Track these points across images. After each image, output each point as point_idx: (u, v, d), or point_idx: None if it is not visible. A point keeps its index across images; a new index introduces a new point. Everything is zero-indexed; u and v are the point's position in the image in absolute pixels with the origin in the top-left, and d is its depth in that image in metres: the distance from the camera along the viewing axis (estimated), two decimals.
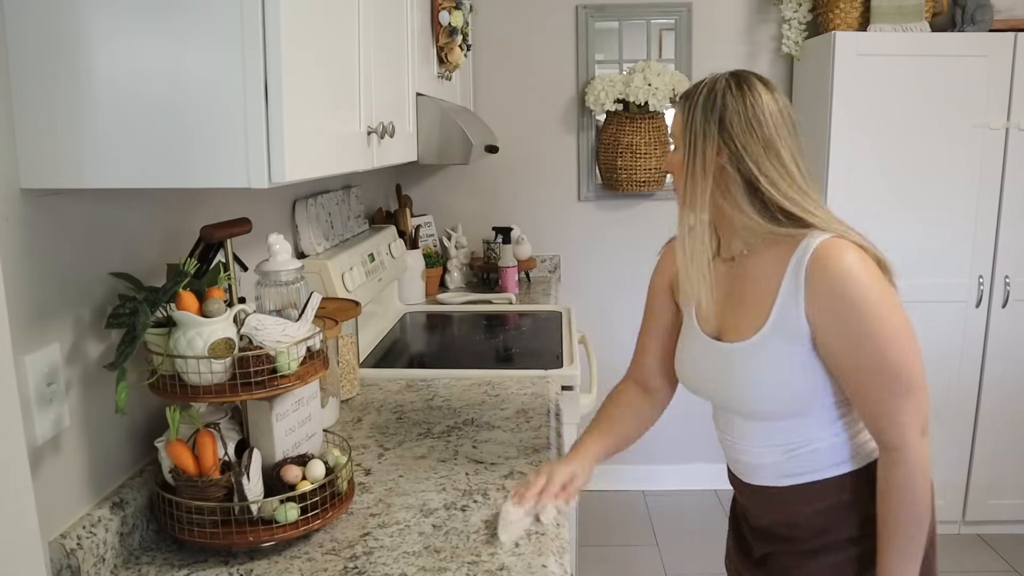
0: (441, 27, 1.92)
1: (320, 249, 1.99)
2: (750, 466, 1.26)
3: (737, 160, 1.13)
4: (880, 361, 1.08)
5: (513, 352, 2.13)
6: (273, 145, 0.88)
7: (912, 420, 1.09)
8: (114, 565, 1.06)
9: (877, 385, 1.09)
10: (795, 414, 1.17)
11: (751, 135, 1.13)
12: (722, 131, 1.14)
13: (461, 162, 1.81)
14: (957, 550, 2.85)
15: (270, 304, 1.26)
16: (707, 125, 1.15)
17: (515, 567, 1.03)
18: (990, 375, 2.79)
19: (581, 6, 2.97)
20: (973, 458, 2.86)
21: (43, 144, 0.90)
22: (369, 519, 1.17)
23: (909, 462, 1.10)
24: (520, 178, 3.11)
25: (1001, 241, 2.71)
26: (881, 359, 1.08)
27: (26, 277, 0.95)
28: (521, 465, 1.36)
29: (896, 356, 1.08)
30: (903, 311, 1.10)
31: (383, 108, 1.41)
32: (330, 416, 1.55)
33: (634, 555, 2.82)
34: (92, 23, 0.87)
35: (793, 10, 2.84)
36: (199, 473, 1.06)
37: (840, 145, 2.64)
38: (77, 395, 1.05)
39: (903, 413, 1.09)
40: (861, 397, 1.12)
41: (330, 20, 1.09)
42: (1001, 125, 2.63)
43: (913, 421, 1.09)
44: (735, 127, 1.13)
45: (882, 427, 1.11)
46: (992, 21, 2.65)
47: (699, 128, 1.16)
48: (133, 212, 1.18)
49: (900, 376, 1.08)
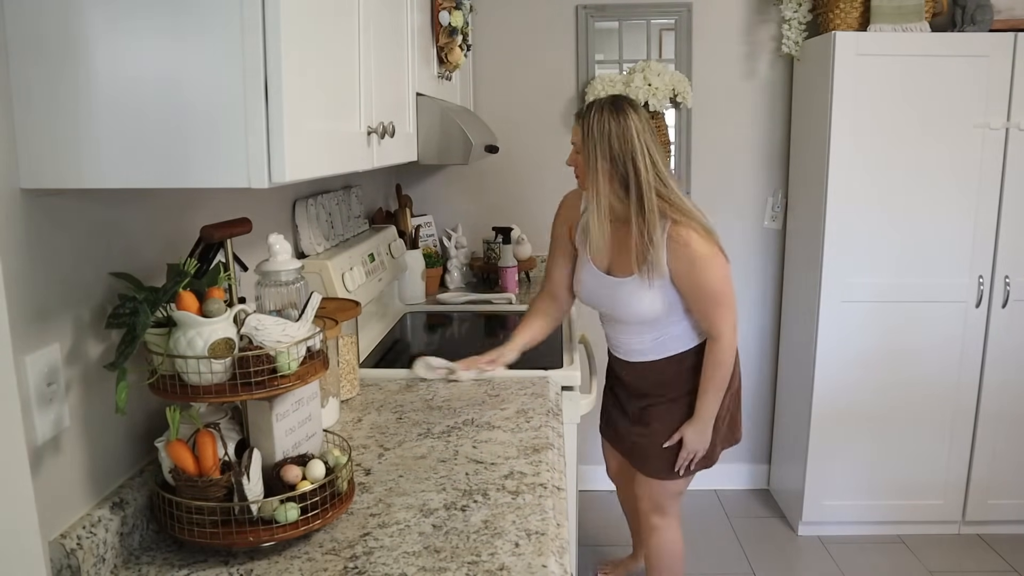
0: (441, 27, 1.92)
1: (320, 249, 1.99)
2: (630, 350, 2.03)
3: (616, 163, 1.80)
4: (708, 291, 1.85)
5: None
6: (273, 145, 0.88)
7: (725, 321, 1.87)
8: (114, 565, 1.06)
9: (705, 303, 1.87)
10: (657, 319, 1.92)
11: (624, 145, 1.79)
12: (604, 143, 1.80)
13: (461, 162, 1.81)
14: (957, 550, 2.85)
15: (270, 304, 1.26)
16: (599, 139, 1.80)
17: (515, 567, 1.03)
18: (990, 375, 2.79)
19: (581, 6, 2.97)
20: (973, 458, 2.86)
21: (43, 144, 0.90)
22: (369, 519, 1.17)
23: (723, 345, 1.89)
24: (520, 178, 3.11)
25: (1001, 241, 2.71)
26: (709, 290, 1.85)
27: (26, 277, 0.95)
28: (521, 465, 1.36)
29: (716, 288, 1.84)
30: (723, 261, 1.84)
31: (383, 108, 1.41)
32: (330, 416, 1.55)
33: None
34: (92, 23, 0.86)
35: (793, 10, 2.84)
36: (199, 473, 1.06)
37: (840, 145, 2.64)
38: (77, 395, 1.05)
39: (720, 317, 1.87)
40: (697, 309, 1.90)
41: (330, 20, 1.09)
42: (1001, 125, 2.63)
43: (725, 322, 1.88)
44: (613, 140, 1.80)
45: (708, 325, 1.90)
46: (992, 21, 2.65)
47: (594, 140, 1.81)
48: (133, 212, 1.18)
49: (718, 298, 1.85)
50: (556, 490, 1.28)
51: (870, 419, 2.84)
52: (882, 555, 2.82)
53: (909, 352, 2.79)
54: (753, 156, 3.08)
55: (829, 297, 2.75)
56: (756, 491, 3.33)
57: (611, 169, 1.80)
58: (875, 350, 2.79)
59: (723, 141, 3.06)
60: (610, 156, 1.79)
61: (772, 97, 3.03)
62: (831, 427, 2.84)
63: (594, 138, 1.81)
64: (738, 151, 3.06)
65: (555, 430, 1.54)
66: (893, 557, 2.81)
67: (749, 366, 3.24)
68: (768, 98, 3.03)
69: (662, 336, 1.95)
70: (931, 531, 2.95)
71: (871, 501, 2.91)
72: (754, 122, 3.05)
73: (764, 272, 3.16)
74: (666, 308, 1.89)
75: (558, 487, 1.29)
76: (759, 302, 3.19)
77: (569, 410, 1.80)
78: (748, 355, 3.23)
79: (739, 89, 3.03)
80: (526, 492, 1.26)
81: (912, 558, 2.80)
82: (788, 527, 3.03)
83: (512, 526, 1.15)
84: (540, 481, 1.30)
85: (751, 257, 3.15)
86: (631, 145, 1.79)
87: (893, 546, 2.88)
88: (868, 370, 2.80)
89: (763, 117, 3.04)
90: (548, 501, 1.23)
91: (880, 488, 2.90)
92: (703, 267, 1.81)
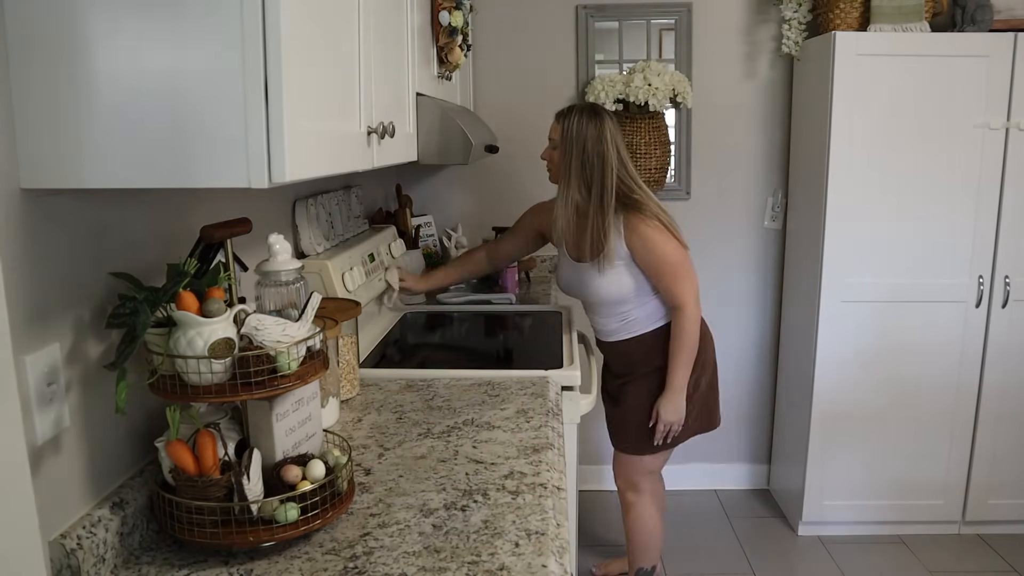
0: (441, 27, 1.92)
1: (320, 249, 1.99)
2: (603, 331, 2.25)
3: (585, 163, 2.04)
4: (666, 265, 2.06)
5: (513, 352, 2.13)
6: (273, 145, 0.88)
7: (687, 293, 2.07)
8: (114, 565, 1.06)
9: (665, 276, 2.07)
10: (622, 300, 2.13)
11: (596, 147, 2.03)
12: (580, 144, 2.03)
13: (461, 162, 1.81)
14: (957, 550, 2.85)
15: (270, 304, 1.26)
16: (576, 139, 2.04)
17: (515, 567, 1.03)
18: (990, 375, 2.79)
19: (581, 6, 2.97)
20: (973, 458, 2.86)
21: (43, 144, 0.90)
22: (369, 519, 1.17)
23: (687, 314, 2.08)
24: (520, 178, 3.11)
25: (1001, 241, 2.71)
26: (667, 263, 2.06)
27: (26, 277, 0.95)
28: (521, 465, 1.36)
29: (672, 260, 2.05)
30: (676, 244, 2.06)
31: (383, 108, 1.41)
32: (330, 416, 1.55)
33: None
34: (92, 23, 0.86)
35: (793, 10, 2.84)
36: (199, 473, 1.06)
37: (840, 145, 2.64)
38: (77, 395, 1.05)
39: (679, 288, 2.07)
40: (661, 285, 2.10)
41: (330, 20, 1.09)
42: (1001, 125, 2.63)
43: (687, 293, 2.07)
44: (588, 142, 2.03)
45: (670, 297, 2.09)
46: (992, 21, 2.65)
47: (571, 140, 2.05)
48: (133, 212, 1.18)
49: (675, 270, 2.06)
50: (556, 490, 1.28)
51: (870, 419, 2.84)
52: (882, 555, 2.82)
53: (909, 352, 2.79)
54: (753, 156, 3.08)
55: (829, 297, 2.75)
56: (756, 491, 3.33)
57: (580, 168, 2.04)
58: (875, 350, 2.79)
59: (723, 141, 3.06)
60: (583, 156, 2.03)
61: (772, 97, 3.03)
62: (831, 427, 2.84)
63: (571, 138, 2.04)
64: (738, 151, 3.06)
65: (555, 430, 1.54)
66: (893, 557, 2.81)
67: (749, 366, 3.24)
68: (768, 98, 3.03)
69: (628, 317, 2.16)
70: (931, 531, 2.95)
71: (871, 501, 2.91)
72: (754, 122, 3.05)
73: (764, 272, 3.16)
74: (632, 289, 2.11)
75: (558, 487, 1.29)
76: (759, 302, 3.19)
77: (569, 410, 1.80)
78: (748, 355, 3.23)
79: (739, 89, 3.03)
80: (526, 492, 1.26)
81: (912, 558, 2.80)
82: (788, 527, 3.03)
83: (512, 526, 1.15)
84: (540, 481, 1.30)
85: (751, 257, 3.15)
86: (602, 147, 2.03)
87: (893, 546, 2.88)
88: (868, 370, 2.80)
89: (763, 117, 3.04)
90: (548, 501, 1.23)
91: (880, 488, 2.90)
92: (655, 245, 2.05)
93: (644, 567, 2.41)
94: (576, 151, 2.03)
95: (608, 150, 2.03)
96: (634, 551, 2.41)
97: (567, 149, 2.05)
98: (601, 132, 2.02)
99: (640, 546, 2.39)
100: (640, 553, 2.40)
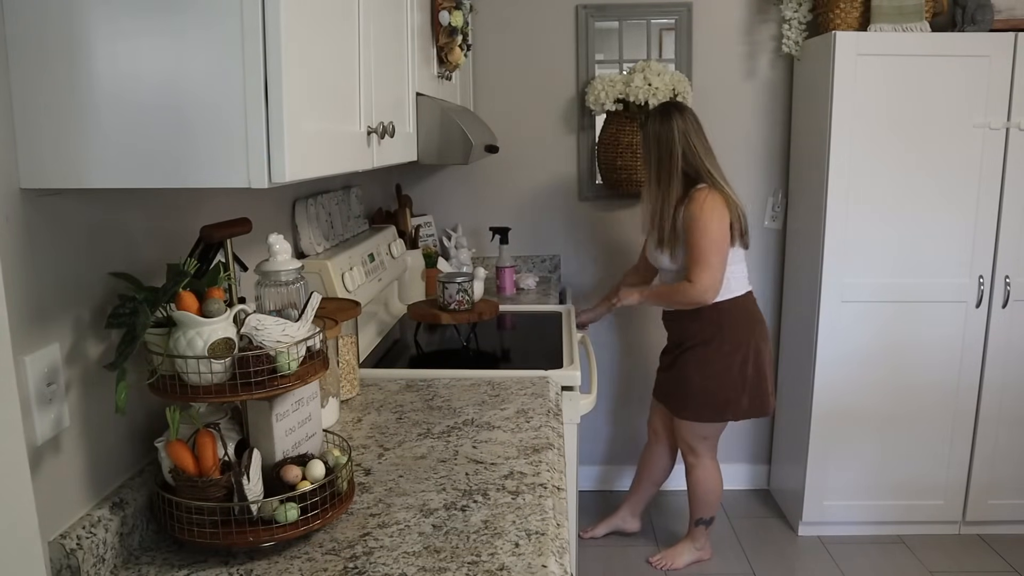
0: (441, 27, 1.91)
1: (320, 249, 1.99)
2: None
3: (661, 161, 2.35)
4: (695, 248, 2.30)
5: (513, 352, 2.13)
6: (273, 145, 0.88)
7: (700, 276, 2.30)
8: (114, 565, 1.06)
9: (690, 257, 2.32)
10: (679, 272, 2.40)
11: (667, 143, 2.33)
12: (652, 144, 2.36)
13: (461, 162, 1.81)
14: (957, 550, 2.85)
15: (270, 304, 1.26)
16: (650, 141, 2.37)
17: (515, 567, 1.03)
18: (990, 375, 2.79)
19: (581, 6, 2.97)
20: (973, 458, 2.86)
21: (43, 144, 0.90)
22: (369, 519, 1.17)
23: (688, 289, 2.32)
24: (520, 178, 3.11)
25: (1001, 241, 2.71)
26: (696, 248, 2.30)
27: (26, 277, 0.95)
28: (521, 465, 1.36)
29: (705, 248, 2.29)
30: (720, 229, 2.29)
31: (383, 108, 1.41)
32: (330, 416, 1.55)
33: (634, 555, 2.82)
34: (92, 23, 0.86)
35: (793, 10, 2.83)
36: (199, 473, 1.06)
37: (840, 145, 2.64)
38: (77, 395, 1.05)
39: (698, 271, 2.30)
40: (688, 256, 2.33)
41: (330, 20, 1.08)
42: (1001, 125, 2.63)
43: (702, 276, 2.30)
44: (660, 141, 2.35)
45: (688, 273, 2.32)
46: (992, 21, 2.65)
47: (647, 142, 2.39)
48: (133, 212, 1.18)
49: (699, 258, 2.30)
50: (556, 490, 1.28)
51: (870, 419, 2.84)
52: (882, 555, 2.82)
53: (909, 352, 2.79)
54: (753, 156, 3.07)
55: (829, 297, 2.75)
56: (756, 491, 3.33)
57: (656, 164, 2.35)
58: (875, 350, 2.79)
59: (723, 141, 3.05)
60: (658, 153, 2.34)
61: (772, 97, 3.03)
62: (831, 427, 2.84)
63: (647, 140, 2.38)
64: (738, 151, 3.06)
65: (555, 430, 1.54)
66: (893, 557, 2.81)
67: None
68: (768, 98, 3.03)
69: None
70: (931, 531, 2.95)
71: (871, 501, 2.91)
72: (754, 122, 3.05)
73: (764, 272, 3.16)
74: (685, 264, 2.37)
75: (558, 487, 1.29)
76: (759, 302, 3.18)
77: (569, 410, 1.80)
78: None
79: (739, 89, 3.02)
80: (526, 492, 1.26)
81: (912, 558, 2.80)
82: (788, 527, 3.03)
83: (512, 526, 1.15)
84: (540, 481, 1.30)
85: (751, 257, 3.14)
86: (671, 143, 2.32)
87: (893, 546, 2.88)
88: (868, 370, 2.80)
89: (763, 117, 3.04)
90: (548, 501, 1.23)
91: (880, 488, 2.90)
92: (696, 226, 2.28)
93: (704, 517, 2.68)
94: (651, 151, 2.36)
95: (675, 145, 2.31)
96: (694, 504, 2.67)
97: (646, 151, 2.39)
98: (668, 129, 2.31)
99: (699, 501, 2.66)
100: (699, 506, 2.67)
